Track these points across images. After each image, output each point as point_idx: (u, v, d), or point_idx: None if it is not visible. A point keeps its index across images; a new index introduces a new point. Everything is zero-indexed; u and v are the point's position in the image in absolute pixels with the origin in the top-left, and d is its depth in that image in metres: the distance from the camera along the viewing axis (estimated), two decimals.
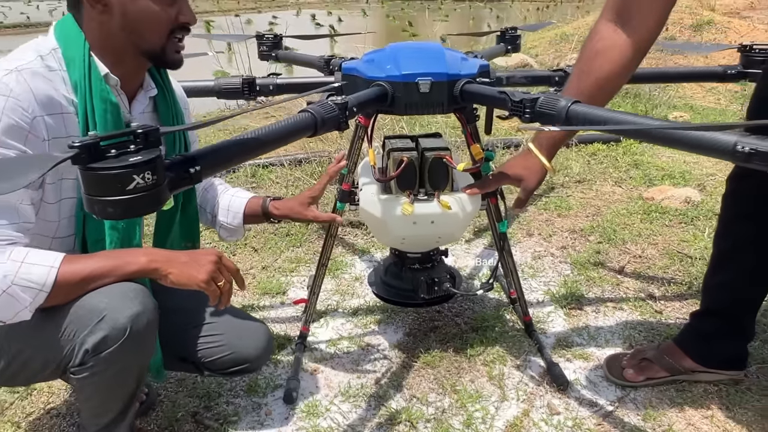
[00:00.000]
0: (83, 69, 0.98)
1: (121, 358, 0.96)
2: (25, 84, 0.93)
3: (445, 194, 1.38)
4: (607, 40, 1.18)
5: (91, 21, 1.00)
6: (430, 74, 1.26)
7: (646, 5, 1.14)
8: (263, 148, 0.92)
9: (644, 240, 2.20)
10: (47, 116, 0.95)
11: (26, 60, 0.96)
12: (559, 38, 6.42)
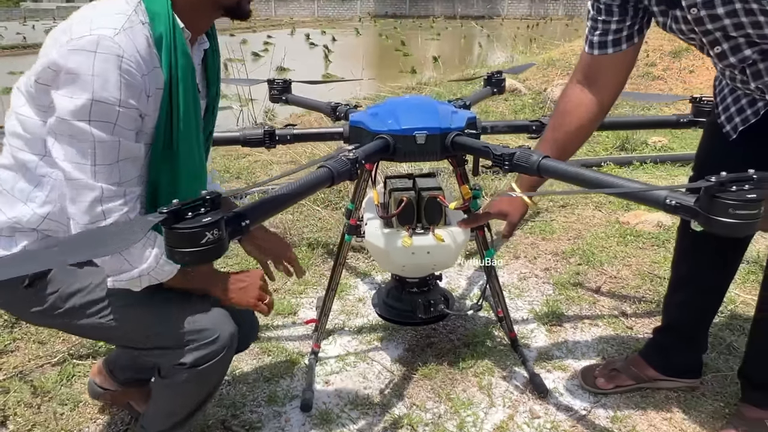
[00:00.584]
0: (168, 23, 1.04)
1: (213, 371, 1.18)
2: (131, 43, 0.99)
3: (439, 228, 1.61)
4: (575, 99, 1.43)
5: None
6: (425, 128, 1.48)
7: (608, 72, 1.40)
8: (292, 201, 1.14)
9: (619, 261, 2.43)
10: (148, 74, 1.03)
11: (125, 14, 1.01)
12: (546, 64, 6.71)
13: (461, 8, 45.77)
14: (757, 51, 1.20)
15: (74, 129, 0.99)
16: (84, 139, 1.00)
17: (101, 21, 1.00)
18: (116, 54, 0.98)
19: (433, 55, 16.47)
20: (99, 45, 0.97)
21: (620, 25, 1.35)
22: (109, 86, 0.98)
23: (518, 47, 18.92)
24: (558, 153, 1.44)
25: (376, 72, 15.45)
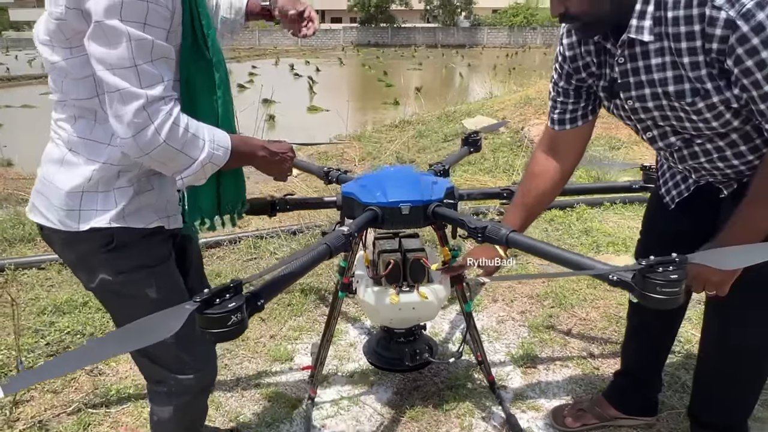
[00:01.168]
0: None
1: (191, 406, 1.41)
2: None
3: (423, 286, 1.81)
4: (541, 165, 1.66)
5: None
6: (409, 201, 1.69)
7: (568, 144, 1.62)
8: (299, 276, 1.33)
9: (589, 304, 2.65)
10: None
11: None
12: (523, 102, 7.03)
13: (442, 37, 46.83)
14: (680, 139, 1.42)
15: (109, 30, 1.03)
16: (119, 41, 1.04)
17: None
18: None
19: (416, 87, 16.92)
20: None
21: (575, 106, 1.57)
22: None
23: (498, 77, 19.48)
24: (527, 215, 1.68)
25: (360, 104, 15.81)
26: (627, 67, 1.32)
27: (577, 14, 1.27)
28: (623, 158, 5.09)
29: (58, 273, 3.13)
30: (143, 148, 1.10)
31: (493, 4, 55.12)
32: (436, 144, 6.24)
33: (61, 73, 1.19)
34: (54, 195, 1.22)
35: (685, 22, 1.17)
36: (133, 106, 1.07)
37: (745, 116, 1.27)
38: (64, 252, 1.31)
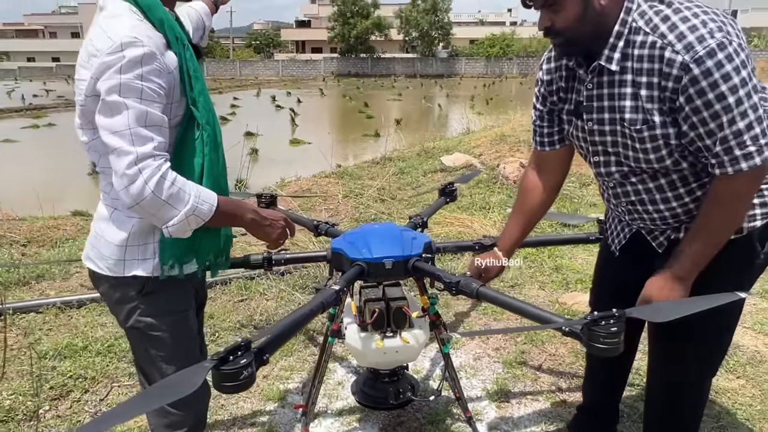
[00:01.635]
0: (161, 8, 1.36)
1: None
2: (145, 34, 1.29)
3: (405, 331, 2.01)
4: (532, 182, 1.87)
5: None
6: (392, 256, 1.90)
7: (552, 163, 1.82)
8: (297, 329, 1.53)
9: (558, 340, 2.87)
10: (165, 53, 1.34)
11: (133, 17, 1.32)
12: (498, 139, 7.35)
13: (421, 67, 47.79)
14: (619, 172, 1.60)
15: (111, 104, 1.26)
16: (119, 111, 1.26)
17: (117, 29, 1.29)
18: (139, 45, 1.27)
19: (396, 119, 17.31)
20: (122, 44, 1.27)
21: (551, 130, 1.75)
22: (134, 69, 1.27)
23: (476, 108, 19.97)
24: (525, 226, 1.89)
25: (342, 136, 16.11)
26: (593, 93, 1.51)
27: (561, 30, 1.43)
28: (591, 195, 5.39)
29: (56, 317, 3.26)
30: (134, 197, 1.28)
31: (470, 35, 56.52)
32: (416, 180, 6.50)
33: (93, 149, 1.44)
34: (104, 247, 1.46)
35: (648, 60, 1.36)
36: (126, 161, 1.26)
37: (676, 159, 1.46)
38: (108, 293, 1.53)
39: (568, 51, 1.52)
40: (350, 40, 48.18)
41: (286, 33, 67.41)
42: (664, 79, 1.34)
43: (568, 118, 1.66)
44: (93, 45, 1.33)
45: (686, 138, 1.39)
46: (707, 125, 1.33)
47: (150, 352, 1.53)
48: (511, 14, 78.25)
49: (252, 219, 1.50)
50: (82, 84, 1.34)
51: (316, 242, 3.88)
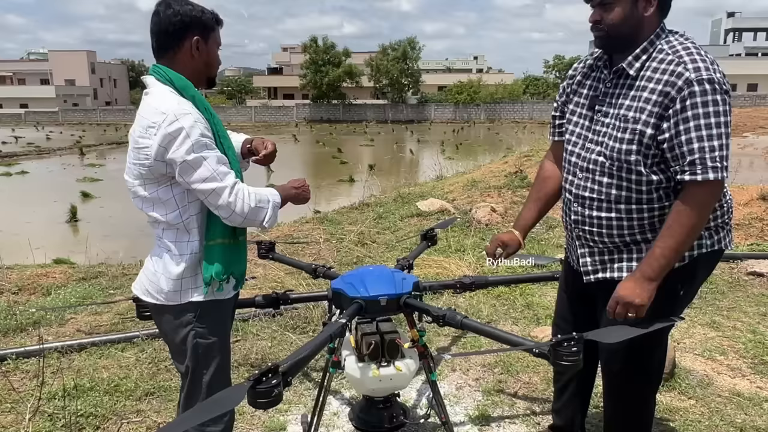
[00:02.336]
0: (193, 89, 1.78)
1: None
2: (188, 106, 1.71)
3: (397, 361, 2.29)
4: (548, 171, 2.21)
5: (184, 63, 1.77)
6: (386, 294, 2.20)
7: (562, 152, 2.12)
8: (313, 356, 1.80)
9: (531, 370, 3.17)
10: (201, 118, 1.73)
11: (173, 94, 1.73)
12: (470, 184, 7.77)
13: (392, 113, 48.96)
14: (584, 170, 1.90)
15: (192, 161, 1.67)
16: (200, 164, 1.68)
17: (166, 104, 1.68)
18: (188, 114, 1.68)
19: (369, 164, 17.80)
20: (176, 115, 1.66)
21: (563, 121, 2.10)
22: (195, 131, 1.68)
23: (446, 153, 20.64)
24: (540, 210, 2.23)
25: (317, 181, 16.46)
26: (609, 90, 1.85)
27: (606, 25, 1.77)
28: (558, 237, 5.79)
29: (58, 360, 3.42)
30: (241, 215, 1.74)
31: (438, 81, 58.35)
32: (394, 224, 6.83)
33: (154, 201, 1.79)
34: (164, 282, 1.81)
35: (662, 71, 1.71)
36: (225, 194, 1.71)
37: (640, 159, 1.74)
38: (168, 320, 1.85)
39: (603, 44, 1.85)
40: (322, 87, 49.20)
41: (258, 80, 68.47)
42: (669, 87, 1.68)
43: (573, 109, 1.99)
44: (147, 119, 1.72)
45: (669, 142, 1.69)
46: (689, 133, 1.65)
47: (204, 364, 1.86)
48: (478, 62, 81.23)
49: (295, 192, 1.97)
50: (147, 150, 1.70)
51: (313, 284, 4.13)
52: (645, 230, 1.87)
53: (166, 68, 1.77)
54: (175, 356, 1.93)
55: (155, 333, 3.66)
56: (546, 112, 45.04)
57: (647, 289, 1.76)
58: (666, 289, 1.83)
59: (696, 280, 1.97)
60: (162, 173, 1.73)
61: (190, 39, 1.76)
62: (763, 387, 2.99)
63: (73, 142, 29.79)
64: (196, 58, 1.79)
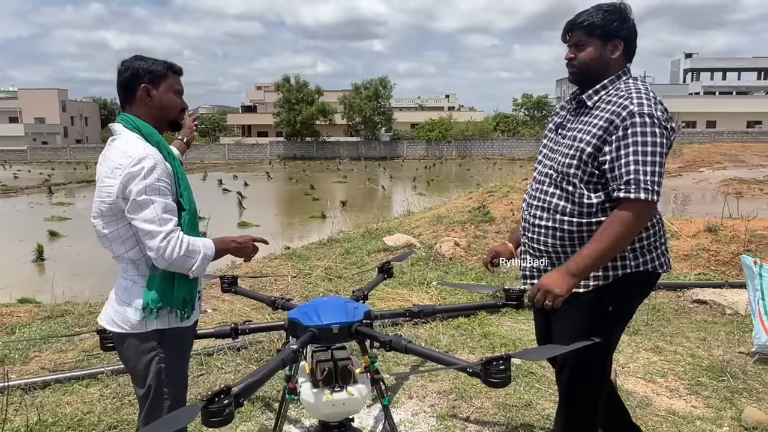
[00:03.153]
0: (158, 135, 1.96)
1: None
2: (155, 151, 1.90)
3: (350, 386, 2.43)
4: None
5: (142, 111, 1.97)
6: (338, 323, 2.36)
7: None
8: (264, 380, 1.94)
9: (483, 395, 3.32)
10: (164, 162, 1.91)
11: (140, 140, 1.91)
12: (435, 220, 8.01)
13: (365, 150, 49.57)
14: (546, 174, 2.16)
15: (141, 202, 1.83)
16: (147, 206, 1.84)
17: (133, 148, 1.87)
18: (151, 158, 1.86)
19: (341, 200, 18.02)
20: (140, 158, 1.84)
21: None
22: (153, 174, 1.85)
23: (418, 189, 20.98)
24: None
25: (289, 218, 16.58)
26: (572, 117, 2.17)
27: (578, 63, 2.09)
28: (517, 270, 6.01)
29: (21, 398, 3.45)
30: (168, 259, 1.87)
31: (411, 119, 59.49)
32: (361, 259, 6.98)
33: (115, 238, 1.95)
34: (131, 312, 1.96)
35: (613, 104, 2.01)
36: (159, 238, 1.85)
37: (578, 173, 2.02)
38: (134, 347, 1.99)
39: (576, 79, 2.15)
40: (296, 125, 49.71)
41: (232, 117, 68.83)
42: (615, 116, 1.97)
43: (546, 133, 2.31)
44: (114, 161, 1.91)
45: (610, 164, 1.95)
46: (628, 157, 1.91)
47: (166, 386, 2.00)
48: (449, 100, 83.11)
49: (234, 246, 2.09)
50: (110, 188, 1.88)
51: (272, 316, 4.25)
52: (575, 243, 2.10)
53: (132, 116, 1.99)
54: (136, 381, 2.05)
55: (120, 368, 3.73)
56: (515, 148, 46.23)
57: (568, 282, 1.99)
58: (594, 304, 2.08)
59: (626, 299, 2.16)
60: (121, 209, 1.89)
61: (140, 88, 1.98)
62: (697, 406, 3.20)
63: (42, 181, 29.41)
64: (149, 105, 1.99)
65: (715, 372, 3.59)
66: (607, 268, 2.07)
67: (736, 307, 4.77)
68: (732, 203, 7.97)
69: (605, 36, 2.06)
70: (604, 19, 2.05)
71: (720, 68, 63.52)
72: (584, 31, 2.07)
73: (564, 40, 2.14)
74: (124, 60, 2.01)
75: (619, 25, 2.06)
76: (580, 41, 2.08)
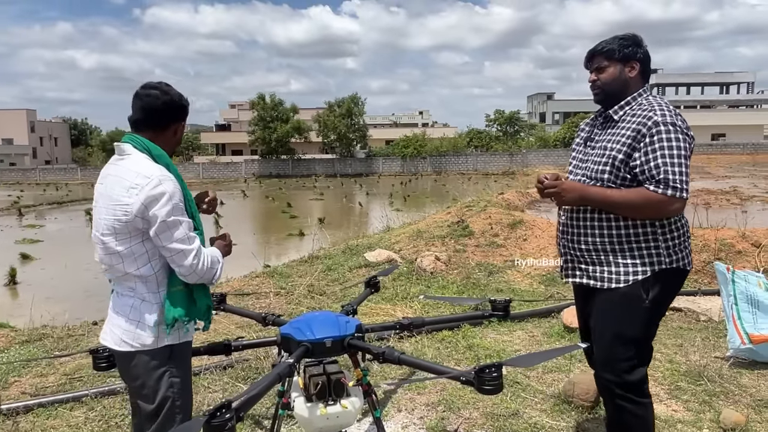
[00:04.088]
0: (167, 157, 2.03)
1: None
2: (166, 170, 1.97)
3: (343, 399, 2.46)
4: None
5: (164, 140, 2.06)
6: (331, 337, 2.40)
7: None
8: (263, 394, 1.96)
9: (471, 406, 3.38)
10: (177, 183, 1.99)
11: (151, 161, 1.98)
12: (415, 235, 8.08)
13: (340, 167, 49.61)
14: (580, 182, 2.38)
15: (171, 223, 1.92)
16: (177, 226, 1.94)
17: (148, 169, 1.94)
18: (171, 180, 1.96)
19: (319, 218, 18.03)
20: (159, 179, 1.92)
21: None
22: (176, 196, 1.95)
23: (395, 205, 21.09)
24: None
25: (266, 236, 16.50)
26: (600, 130, 2.40)
27: (601, 84, 2.35)
28: (498, 282, 6.13)
29: (2, 423, 3.39)
30: (200, 274, 2.01)
31: (385, 136, 59.85)
32: (343, 276, 7.01)
33: (123, 257, 1.99)
34: (142, 329, 1.99)
35: (638, 116, 2.25)
36: (191, 255, 1.98)
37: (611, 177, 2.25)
38: (145, 364, 2.02)
39: (600, 99, 2.39)
40: (271, 142, 49.54)
41: (205, 136, 68.35)
42: (641, 126, 2.21)
43: (575, 147, 2.56)
44: (129, 180, 1.95)
45: (641, 167, 2.18)
46: (656, 160, 2.15)
47: (177, 402, 2.05)
48: (423, 116, 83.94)
49: (225, 249, 2.24)
50: (128, 207, 1.93)
51: (258, 334, 4.24)
52: (604, 241, 2.32)
53: (142, 138, 2.03)
54: (144, 399, 2.06)
55: (105, 391, 3.69)
56: (489, 163, 46.81)
57: (577, 194, 2.30)
58: (631, 298, 2.29)
59: (660, 294, 2.33)
60: (138, 228, 1.95)
61: (177, 124, 2.12)
62: (677, 410, 3.30)
63: (11, 203, 28.73)
64: (172, 139, 2.13)
65: (693, 376, 3.71)
66: (645, 264, 2.28)
67: (709, 314, 4.93)
68: (701, 213, 8.23)
69: (623, 59, 2.32)
70: (621, 45, 2.32)
71: (684, 83, 65.61)
72: (604, 56, 2.33)
73: (586, 67, 2.41)
74: (156, 84, 2.07)
75: (634, 49, 2.33)
76: (602, 65, 2.34)
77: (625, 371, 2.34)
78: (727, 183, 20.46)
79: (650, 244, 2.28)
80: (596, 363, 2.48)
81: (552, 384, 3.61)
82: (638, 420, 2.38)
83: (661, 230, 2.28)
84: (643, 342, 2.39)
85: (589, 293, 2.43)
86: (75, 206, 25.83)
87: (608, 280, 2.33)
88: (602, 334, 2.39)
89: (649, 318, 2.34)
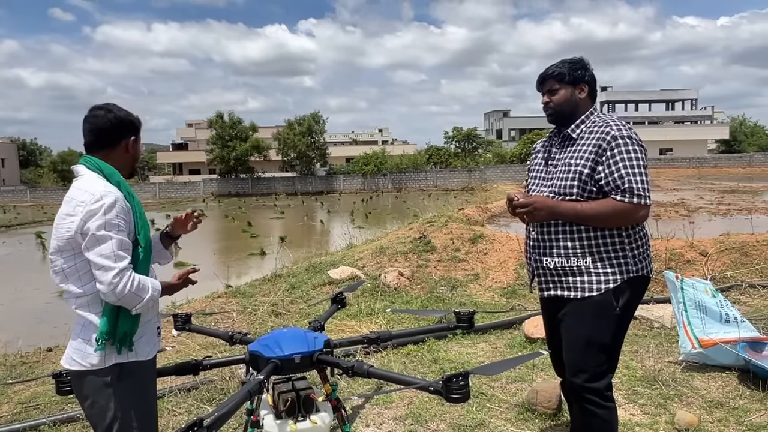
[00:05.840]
0: (119, 176, 2.03)
1: None
2: (115, 189, 1.97)
3: (313, 415, 2.47)
4: None
5: (117, 158, 2.09)
6: (299, 352, 2.42)
7: None
8: (233, 412, 1.97)
9: (438, 418, 3.43)
10: (125, 202, 1.98)
11: (101, 180, 1.99)
12: (378, 251, 8.13)
13: (301, 185, 49.35)
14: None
15: (100, 237, 1.90)
16: (105, 241, 1.91)
17: (94, 186, 1.95)
18: (111, 195, 1.95)
19: (280, 236, 17.86)
20: (101, 195, 1.92)
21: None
22: (112, 211, 1.93)
23: (356, 222, 21.11)
24: None
25: (226, 256, 16.25)
26: (559, 149, 2.51)
27: (553, 106, 2.49)
28: (461, 296, 6.23)
29: None
30: (118, 296, 1.93)
31: (345, 153, 60.04)
32: (307, 293, 6.98)
33: (68, 274, 1.99)
34: (89, 348, 1.97)
35: (595, 132, 2.40)
36: (112, 273, 1.91)
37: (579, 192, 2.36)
38: (94, 383, 2.00)
39: (554, 119, 2.53)
40: (230, 161, 48.93)
41: (162, 155, 67.06)
42: (601, 141, 2.35)
43: (533, 166, 2.67)
44: (77, 199, 1.97)
45: (605, 179, 2.31)
46: (620, 171, 2.29)
47: (130, 421, 2.01)
48: (382, 134, 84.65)
49: (175, 285, 2.26)
50: (70, 224, 1.94)
51: (224, 354, 4.20)
52: (576, 252, 2.41)
53: (95, 159, 2.07)
54: (95, 419, 2.03)
55: (63, 418, 3.59)
56: (449, 179, 47.38)
57: (548, 210, 2.38)
58: (603, 307, 2.40)
59: (629, 300, 2.45)
60: (78, 243, 1.95)
61: (127, 139, 2.13)
62: (635, 414, 3.43)
63: None
64: (125, 156, 2.15)
65: (649, 381, 3.86)
66: (615, 273, 2.40)
67: (662, 321, 5.14)
68: (651, 225, 8.57)
69: (573, 82, 2.47)
70: (570, 68, 2.48)
71: (632, 100, 68.23)
72: (555, 79, 2.48)
73: (539, 89, 2.56)
74: (101, 106, 2.10)
75: (582, 72, 2.49)
76: (553, 88, 2.49)
77: (597, 377, 2.45)
78: (675, 195, 21.32)
79: (618, 253, 2.40)
80: (567, 370, 2.56)
81: (516, 393, 3.70)
82: (605, 424, 2.48)
83: (628, 239, 2.42)
84: (614, 348, 2.51)
85: (560, 303, 2.53)
86: (24, 229, 24.81)
87: (581, 290, 2.43)
88: (575, 341, 2.48)
89: (619, 325, 2.47)
